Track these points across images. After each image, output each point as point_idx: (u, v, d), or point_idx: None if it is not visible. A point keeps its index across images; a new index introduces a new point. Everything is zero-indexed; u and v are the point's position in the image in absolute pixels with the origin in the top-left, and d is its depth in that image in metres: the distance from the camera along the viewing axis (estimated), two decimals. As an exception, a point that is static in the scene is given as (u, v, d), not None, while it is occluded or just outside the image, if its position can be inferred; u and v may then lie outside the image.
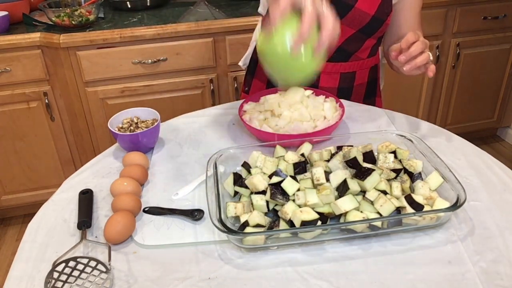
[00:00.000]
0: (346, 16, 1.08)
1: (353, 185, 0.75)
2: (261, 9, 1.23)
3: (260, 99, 1.08)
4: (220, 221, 0.70)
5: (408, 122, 1.08)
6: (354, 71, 1.20)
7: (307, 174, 0.80)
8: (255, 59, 1.27)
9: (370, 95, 1.27)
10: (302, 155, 0.86)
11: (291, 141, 0.93)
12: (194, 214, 0.79)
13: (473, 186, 0.86)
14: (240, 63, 1.35)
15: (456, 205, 0.72)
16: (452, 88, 2.36)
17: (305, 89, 1.05)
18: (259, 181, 0.77)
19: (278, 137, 0.95)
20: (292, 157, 0.83)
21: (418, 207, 0.73)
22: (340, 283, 0.67)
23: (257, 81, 1.29)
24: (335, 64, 1.17)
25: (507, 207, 0.80)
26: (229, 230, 0.69)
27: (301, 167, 0.81)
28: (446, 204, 0.74)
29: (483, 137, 2.70)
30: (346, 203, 0.72)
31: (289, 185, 0.76)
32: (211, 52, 1.91)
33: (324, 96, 1.07)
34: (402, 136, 0.91)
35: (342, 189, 0.75)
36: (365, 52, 1.18)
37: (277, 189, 0.76)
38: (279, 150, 0.88)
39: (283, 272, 0.69)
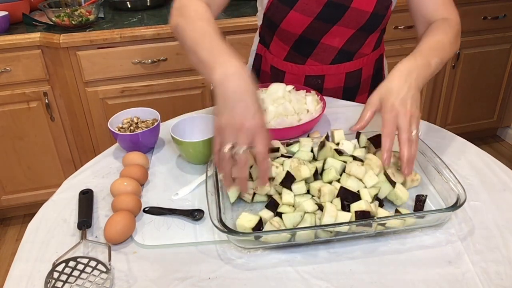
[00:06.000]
0: (343, 18, 1.05)
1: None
2: (259, 21, 1.20)
3: None
4: (220, 221, 0.70)
5: (408, 122, 1.08)
6: (360, 68, 1.17)
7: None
8: (257, 68, 1.26)
9: (376, 85, 1.23)
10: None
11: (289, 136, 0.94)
12: (194, 214, 0.79)
13: (473, 186, 0.86)
14: None
15: (456, 205, 0.72)
16: (452, 88, 2.36)
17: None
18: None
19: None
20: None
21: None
22: (340, 283, 0.67)
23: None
24: (339, 65, 1.14)
25: (507, 207, 0.80)
26: (229, 230, 0.69)
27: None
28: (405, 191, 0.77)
29: (483, 137, 2.70)
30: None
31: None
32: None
33: (305, 91, 1.09)
34: (402, 136, 0.91)
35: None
36: (369, 47, 1.16)
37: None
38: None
39: (283, 272, 0.69)
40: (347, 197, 0.74)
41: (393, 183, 0.77)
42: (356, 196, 0.74)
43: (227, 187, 0.78)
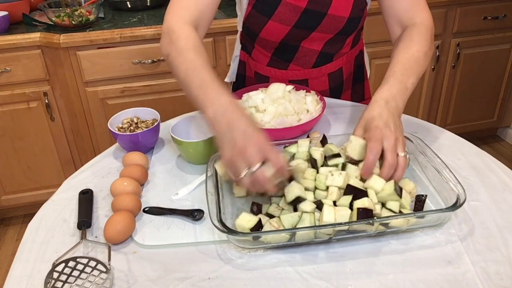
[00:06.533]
0: (320, 24, 1.05)
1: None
2: (239, 27, 1.20)
3: (243, 97, 1.09)
4: (220, 221, 0.70)
5: (408, 122, 1.08)
6: (341, 67, 1.18)
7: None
8: (242, 74, 1.26)
9: (358, 80, 1.25)
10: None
11: (287, 138, 0.94)
12: (194, 214, 0.79)
13: (473, 186, 0.86)
14: (227, 80, 1.32)
15: (456, 205, 0.72)
16: (452, 88, 2.36)
17: (286, 85, 1.07)
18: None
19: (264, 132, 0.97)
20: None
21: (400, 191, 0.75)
22: (340, 283, 0.67)
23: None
24: (320, 68, 1.15)
25: (507, 207, 0.80)
26: (229, 230, 0.69)
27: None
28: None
29: (483, 137, 2.70)
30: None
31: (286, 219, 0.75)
32: (211, 52, 1.91)
33: (305, 91, 1.09)
34: (402, 136, 0.91)
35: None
36: (348, 46, 1.16)
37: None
38: None
39: (283, 272, 0.69)
40: (354, 194, 0.74)
41: (400, 194, 0.76)
42: (363, 193, 0.74)
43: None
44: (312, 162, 0.82)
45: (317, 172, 0.80)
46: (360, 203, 0.72)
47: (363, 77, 1.27)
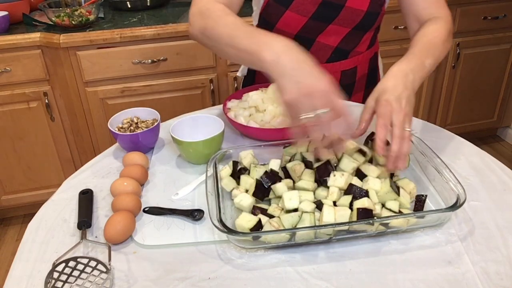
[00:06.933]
0: (338, 17, 1.05)
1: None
2: (254, 22, 1.20)
3: (242, 97, 1.09)
4: (220, 221, 0.70)
5: (408, 122, 1.08)
6: (355, 66, 1.18)
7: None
8: (253, 69, 1.26)
9: (372, 84, 1.24)
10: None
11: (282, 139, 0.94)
12: (194, 214, 0.79)
13: (473, 186, 0.86)
14: (239, 74, 1.32)
15: (456, 205, 0.72)
16: (452, 88, 2.36)
17: None
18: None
19: (264, 132, 0.98)
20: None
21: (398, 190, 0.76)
22: (340, 283, 0.67)
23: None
24: (334, 63, 1.15)
25: (507, 207, 0.80)
26: (229, 230, 0.69)
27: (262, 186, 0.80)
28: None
29: (483, 137, 2.70)
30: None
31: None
32: (211, 52, 1.91)
33: None
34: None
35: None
36: (364, 45, 1.16)
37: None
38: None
39: (283, 272, 0.69)
40: (355, 194, 0.74)
41: (397, 192, 0.77)
42: (365, 193, 0.74)
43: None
44: (307, 163, 0.82)
45: (315, 172, 0.80)
46: (360, 203, 0.72)
47: (376, 81, 1.26)
